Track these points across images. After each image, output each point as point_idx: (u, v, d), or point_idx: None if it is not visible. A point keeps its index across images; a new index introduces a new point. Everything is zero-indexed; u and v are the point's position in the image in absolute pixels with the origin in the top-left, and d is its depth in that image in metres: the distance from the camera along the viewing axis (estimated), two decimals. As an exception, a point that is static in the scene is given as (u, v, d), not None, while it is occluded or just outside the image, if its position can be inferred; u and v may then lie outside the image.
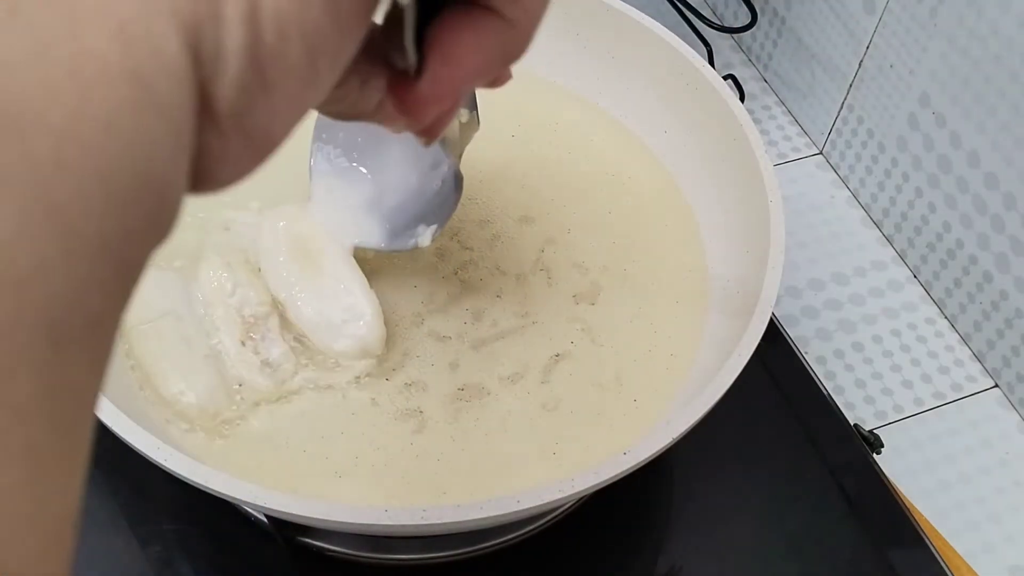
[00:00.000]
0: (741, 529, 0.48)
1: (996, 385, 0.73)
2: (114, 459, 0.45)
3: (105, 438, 0.35)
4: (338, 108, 0.22)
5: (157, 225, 0.16)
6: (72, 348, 0.15)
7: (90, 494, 0.45)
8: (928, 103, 0.72)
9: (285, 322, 0.43)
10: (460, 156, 0.44)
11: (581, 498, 0.45)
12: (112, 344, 0.16)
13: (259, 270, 0.44)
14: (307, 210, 0.44)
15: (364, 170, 0.44)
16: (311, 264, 0.44)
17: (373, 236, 0.44)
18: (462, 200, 0.49)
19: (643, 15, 0.50)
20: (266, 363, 0.42)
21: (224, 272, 0.44)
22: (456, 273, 0.46)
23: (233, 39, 0.16)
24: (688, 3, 0.83)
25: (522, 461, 0.41)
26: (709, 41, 0.84)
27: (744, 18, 0.84)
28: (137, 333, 0.42)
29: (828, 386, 0.59)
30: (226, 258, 0.44)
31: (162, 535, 0.45)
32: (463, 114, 0.42)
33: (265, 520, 0.44)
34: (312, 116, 0.34)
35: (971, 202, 0.70)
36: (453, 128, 0.42)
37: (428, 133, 0.23)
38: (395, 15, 0.21)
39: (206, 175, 0.18)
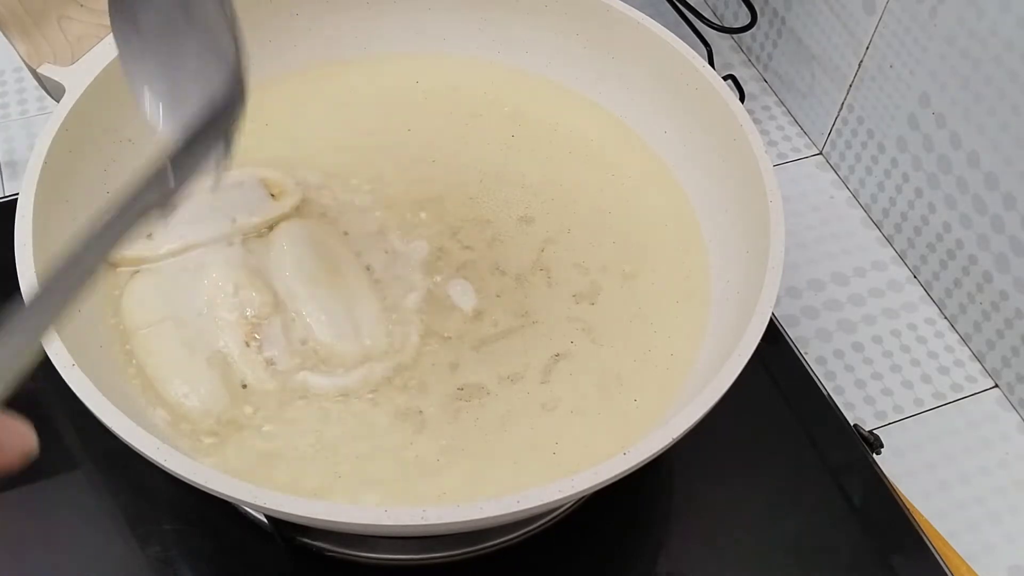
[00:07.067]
0: (741, 529, 0.48)
1: (996, 385, 0.73)
2: (114, 459, 0.45)
3: (105, 438, 0.35)
4: None
5: None
6: None
7: (90, 494, 0.46)
8: (928, 103, 0.72)
9: (288, 322, 0.43)
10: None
11: (581, 498, 0.45)
12: None
13: (262, 272, 0.44)
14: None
15: None
16: (330, 273, 0.44)
17: None
18: (462, 200, 0.49)
19: (643, 15, 0.50)
20: (270, 363, 0.42)
21: (226, 273, 0.43)
22: (456, 273, 0.46)
23: None
24: (688, 3, 0.83)
25: (522, 461, 0.41)
26: (709, 41, 0.84)
27: (744, 18, 0.84)
28: (138, 338, 0.42)
29: (828, 386, 0.59)
30: (227, 259, 0.44)
31: (162, 535, 0.45)
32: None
33: (265, 520, 0.44)
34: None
35: (971, 202, 0.70)
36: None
37: None
38: None
39: None
